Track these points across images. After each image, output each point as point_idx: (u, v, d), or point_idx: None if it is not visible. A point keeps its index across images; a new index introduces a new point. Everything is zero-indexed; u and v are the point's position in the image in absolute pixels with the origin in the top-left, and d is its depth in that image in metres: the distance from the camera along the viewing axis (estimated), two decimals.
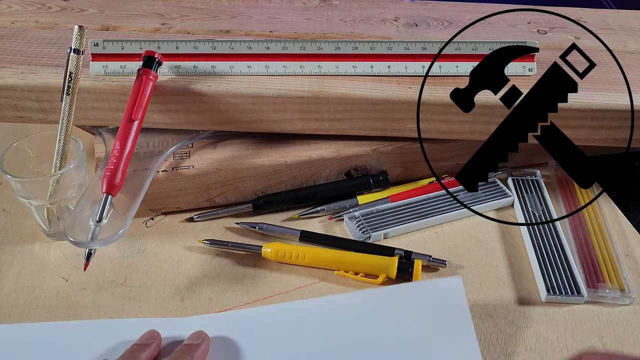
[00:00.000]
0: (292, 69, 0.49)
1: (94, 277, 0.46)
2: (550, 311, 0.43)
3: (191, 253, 0.49)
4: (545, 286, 0.44)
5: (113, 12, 0.61)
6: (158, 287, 0.46)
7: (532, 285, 0.45)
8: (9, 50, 0.52)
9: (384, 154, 0.52)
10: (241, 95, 0.47)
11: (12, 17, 0.59)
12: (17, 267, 0.47)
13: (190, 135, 0.51)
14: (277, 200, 0.52)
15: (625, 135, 0.48)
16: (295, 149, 0.51)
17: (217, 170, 0.50)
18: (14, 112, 0.49)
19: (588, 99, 0.47)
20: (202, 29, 0.58)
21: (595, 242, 0.48)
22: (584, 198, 0.53)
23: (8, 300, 0.44)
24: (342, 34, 0.59)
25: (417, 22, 0.62)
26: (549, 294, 0.43)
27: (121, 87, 0.47)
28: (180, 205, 0.52)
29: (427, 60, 0.50)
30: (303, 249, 0.47)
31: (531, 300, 0.44)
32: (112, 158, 0.42)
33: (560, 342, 0.41)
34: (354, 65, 0.50)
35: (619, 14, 0.65)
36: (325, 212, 0.52)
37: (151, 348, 0.38)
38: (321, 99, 0.48)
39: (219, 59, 0.49)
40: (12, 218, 0.52)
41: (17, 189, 0.45)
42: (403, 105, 0.48)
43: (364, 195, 0.53)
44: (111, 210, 0.42)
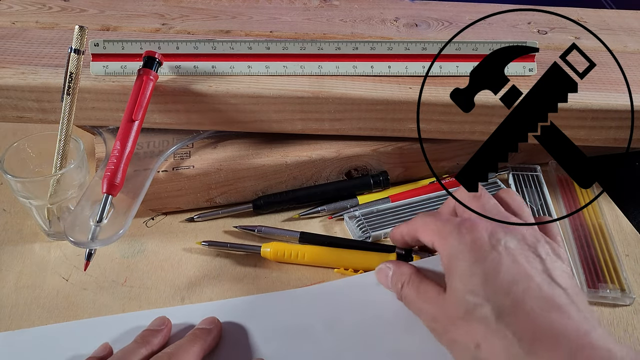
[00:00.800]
0: (292, 69, 0.49)
1: (94, 277, 0.46)
2: None
3: (191, 253, 0.49)
4: None
5: (113, 12, 0.61)
6: (158, 287, 0.46)
7: None
8: (10, 51, 0.52)
9: (384, 154, 0.52)
10: (241, 96, 0.47)
11: (12, 18, 0.59)
12: (17, 267, 0.47)
13: (190, 135, 0.51)
14: (278, 201, 0.52)
15: (625, 135, 0.48)
16: (296, 149, 0.51)
17: (218, 170, 0.50)
18: (15, 112, 0.49)
19: (588, 99, 0.47)
20: (203, 29, 0.58)
21: (595, 242, 0.48)
22: (584, 198, 0.53)
23: (8, 300, 0.44)
24: (343, 34, 0.59)
25: (417, 22, 0.62)
26: None
27: (121, 87, 0.47)
28: (180, 205, 0.52)
29: (427, 60, 0.50)
30: (302, 248, 0.47)
31: None
32: (112, 158, 0.42)
33: None
34: (355, 65, 0.50)
35: (619, 14, 0.65)
36: (325, 212, 0.52)
37: (162, 333, 0.39)
38: (321, 99, 0.48)
39: (220, 59, 0.49)
40: (12, 218, 0.52)
41: (17, 189, 0.45)
42: (403, 106, 0.48)
43: (365, 195, 0.53)
44: (111, 211, 0.42)
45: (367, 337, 0.39)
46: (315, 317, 0.41)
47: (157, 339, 0.38)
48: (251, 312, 0.42)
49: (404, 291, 0.38)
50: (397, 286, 0.38)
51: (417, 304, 0.37)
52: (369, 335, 0.39)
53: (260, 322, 0.41)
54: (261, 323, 0.41)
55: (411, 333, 0.38)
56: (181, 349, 0.36)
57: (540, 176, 0.55)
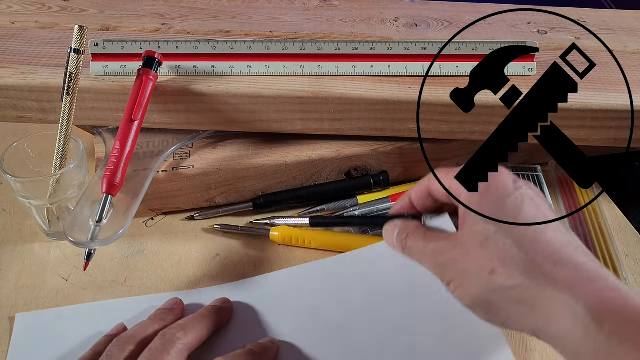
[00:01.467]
0: (292, 69, 0.49)
1: (94, 277, 0.46)
2: None
3: (191, 253, 0.49)
4: None
5: (113, 12, 0.61)
6: (158, 287, 0.45)
7: None
8: (9, 51, 0.52)
9: (384, 154, 0.52)
10: (241, 96, 0.47)
11: (12, 17, 0.59)
12: (17, 267, 0.47)
13: (190, 135, 0.51)
14: (278, 200, 0.52)
15: (625, 135, 0.48)
16: (296, 149, 0.51)
17: (217, 170, 0.50)
18: (14, 112, 0.49)
19: (588, 99, 0.47)
20: (202, 29, 0.58)
21: (595, 242, 0.48)
22: (584, 198, 0.53)
23: (8, 300, 0.44)
24: (342, 34, 0.59)
25: (417, 22, 0.62)
26: None
27: (121, 87, 0.47)
28: (180, 205, 0.52)
29: (427, 60, 0.50)
30: (310, 233, 0.48)
31: None
32: (112, 158, 0.42)
33: None
34: (354, 65, 0.50)
35: (619, 14, 0.65)
36: (325, 211, 0.52)
37: (175, 312, 0.41)
38: (321, 99, 0.48)
39: (219, 59, 0.49)
40: (12, 218, 0.52)
41: (17, 189, 0.45)
42: (403, 106, 0.48)
43: (364, 195, 0.53)
44: (111, 210, 0.42)
45: (375, 309, 0.40)
46: (323, 292, 0.42)
47: (170, 316, 0.40)
48: (261, 292, 0.43)
49: (409, 241, 0.37)
50: (402, 237, 0.38)
51: (421, 247, 0.36)
52: (377, 308, 0.40)
53: (269, 300, 0.42)
54: (271, 302, 0.42)
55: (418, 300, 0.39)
56: (194, 321, 0.38)
57: (540, 176, 0.55)
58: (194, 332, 0.37)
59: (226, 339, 0.40)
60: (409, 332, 0.38)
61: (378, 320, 0.39)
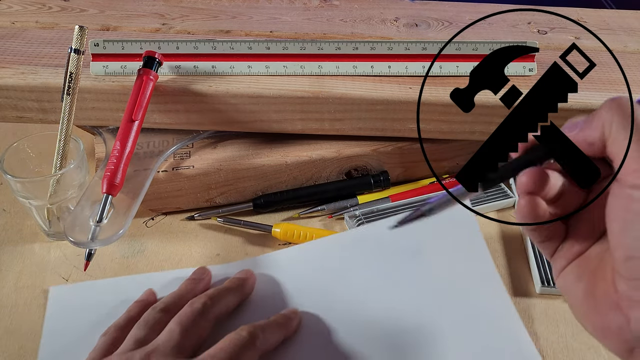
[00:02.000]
0: (292, 69, 0.49)
1: (94, 277, 0.46)
2: (550, 311, 0.43)
3: (191, 253, 0.49)
4: (540, 279, 0.44)
5: (113, 12, 0.61)
6: None
7: (532, 285, 0.45)
8: (9, 51, 0.52)
9: (385, 154, 0.52)
10: (241, 95, 0.47)
11: (12, 17, 0.59)
12: (17, 267, 0.47)
13: (190, 135, 0.51)
14: (278, 200, 0.52)
15: None
16: (296, 149, 0.51)
17: (218, 170, 0.50)
18: (14, 112, 0.49)
19: (588, 99, 0.47)
20: (203, 29, 0.58)
21: None
22: None
23: (8, 300, 0.44)
24: (343, 34, 0.59)
25: (418, 22, 0.62)
26: (543, 286, 0.44)
27: (121, 87, 0.47)
28: (180, 205, 0.52)
29: (427, 60, 0.50)
30: (311, 230, 0.49)
31: (531, 300, 0.44)
32: (112, 158, 0.42)
33: (561, 342, 0.41)
34: (355, 65, 0.50)
35: (619, 14, 0.65)
36: (325, 211, 0.52)
37: (204, 282, 0.42)
38: (321, 99, 0.48)
39: (220, 59, 0.49)
40: (12, 218, 0.52)
41: (17, 189, 0.45)
42: (403, 105, 0.48)
43: (365, 195, 0.53)
44: (111, 211, 0.42)
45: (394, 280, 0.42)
46: (344, 263, 0.44)
47: (200, 286, 0.42)
48: (281, 264, 0.44)
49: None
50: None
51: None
52: (395, 279, 0.42)
53: (290, 273, 0.43)
54: (292, 274, 0.43)
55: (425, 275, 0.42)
56: (221, 292, 0.40)
57: None
58: (222, 302, 0.39)
59: (249, 310, 0.41)
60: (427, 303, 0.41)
61: (397, 292, 0.41)
